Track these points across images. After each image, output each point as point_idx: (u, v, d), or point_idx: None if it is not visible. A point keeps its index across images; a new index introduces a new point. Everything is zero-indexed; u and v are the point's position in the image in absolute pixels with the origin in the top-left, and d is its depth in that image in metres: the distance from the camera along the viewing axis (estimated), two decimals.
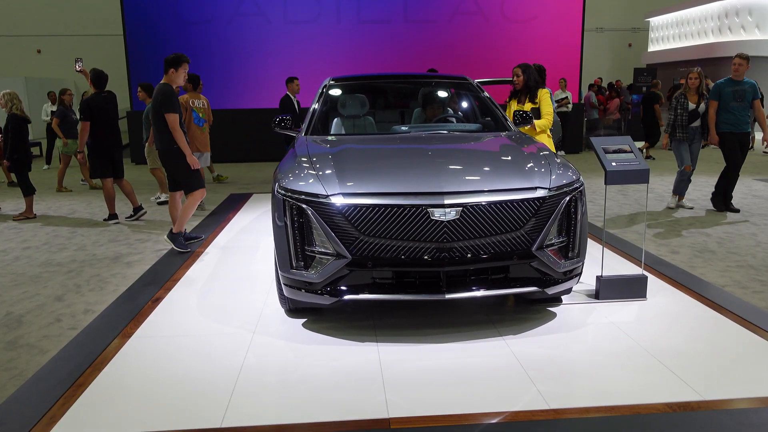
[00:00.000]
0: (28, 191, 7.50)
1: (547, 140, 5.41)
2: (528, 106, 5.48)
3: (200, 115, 7.83)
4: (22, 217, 7.43)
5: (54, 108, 12.73)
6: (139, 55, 12.91)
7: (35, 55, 23.48)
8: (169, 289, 4.52)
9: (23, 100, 10.06)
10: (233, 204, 8.12)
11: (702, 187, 9.04)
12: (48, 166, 12.75)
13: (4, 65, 22.66)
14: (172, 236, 5.64)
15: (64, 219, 7.46)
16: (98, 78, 6.87)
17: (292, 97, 9.48)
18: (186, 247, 5.62)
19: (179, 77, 5.48)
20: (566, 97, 13.29)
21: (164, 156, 5.56)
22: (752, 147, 14.81)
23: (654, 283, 4.43)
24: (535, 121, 5.29)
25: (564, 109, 13.10)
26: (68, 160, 10.03)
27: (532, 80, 5.51)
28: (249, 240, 6.05)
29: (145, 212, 7.44)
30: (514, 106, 5.63)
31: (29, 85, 19.84)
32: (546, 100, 5.46)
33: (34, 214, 7.54)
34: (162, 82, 5.46)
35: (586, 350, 3.40)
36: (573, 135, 13.86)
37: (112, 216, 7.15)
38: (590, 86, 16.19)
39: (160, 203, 8.33)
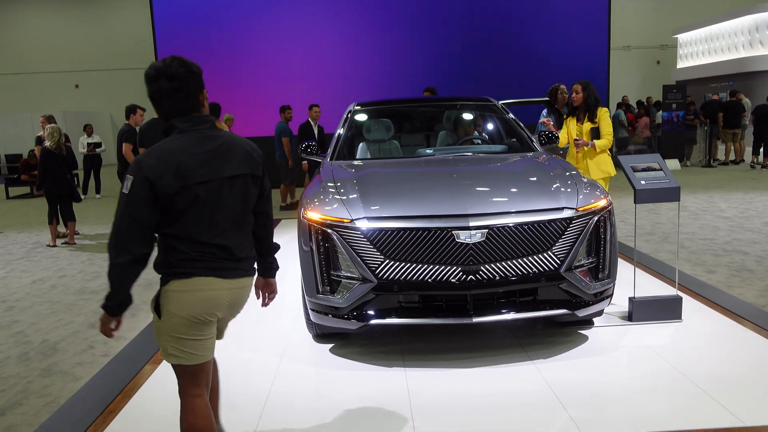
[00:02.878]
0: (50, 220, 7.81)
1: (607, 160, 5.14)
2: (587, 126, 5.18)
3: None
4: (51, 244, 7.74)
5: (91, 140, 13.15)
6: None
7: (73, 89, 24.36)
8: None
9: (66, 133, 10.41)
10: None
11: None
12: (84, 196, 13.12)
13: (45, 100, 23.55)
14: None
15: (100, 246, 7.63)
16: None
17: (312, 124, 9.61)
18: None
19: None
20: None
21: None
22: (743, 159, 14.42)
23: (689, 303, 4.30)
24: (595, 142, 5.06)
25: None
26: None
27: (592, 98, 5.18)
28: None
29: None
30: (572, 125, 5.32)
31: (67, 119, 20.56)
32: (606, 119, 5.15)
33: (54, 242, 7.80)
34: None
35: (620, 374, 3.30)
36: None
37: None
38: (619, 104, 16.01)
39: None
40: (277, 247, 2.56)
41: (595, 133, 5.17)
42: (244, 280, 2.28)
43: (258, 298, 2.57)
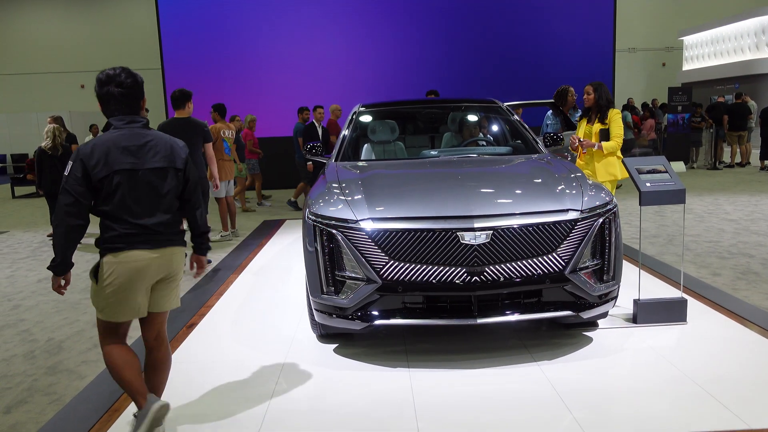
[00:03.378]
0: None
1: (616, 163, 5.05)
2: (597, 127, 5.12)
3: (228, 144, 8.05)
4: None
5: None
6: (176, 87, 13.30)
7: (79, 90, 24.46)
8: (203, 315, 4.58)
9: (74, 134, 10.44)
10: (266, 230, 8.23)
11: None
12: None
13: (51, 100, 23.66)
14: None
15: None
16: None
17: (317, 125, 9.63)
18: None
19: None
20: None
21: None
22: (749, 162, 14.39)
23: (694, 306, 4.29)
24: (603, 143, 5.00)
25: None
26: (243, 182, 10.26)
27: (603, 99, 5.10)
28: (281, 266, 6.10)
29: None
30: (584, 126, 5.29)
31: (73, 119, 20.64)
32: (617, 120, 5.08)
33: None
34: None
35: (625, 376, 3.30)
36: None
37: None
38: (625, 106, 15.98)
39: None
40: (206, 230, 2.97)
41: (605, 135, 5.09)
42: (168, 249, 2.70)
43: (191, 269, 3.06)
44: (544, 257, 3.38)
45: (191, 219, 2.87)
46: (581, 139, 5.16)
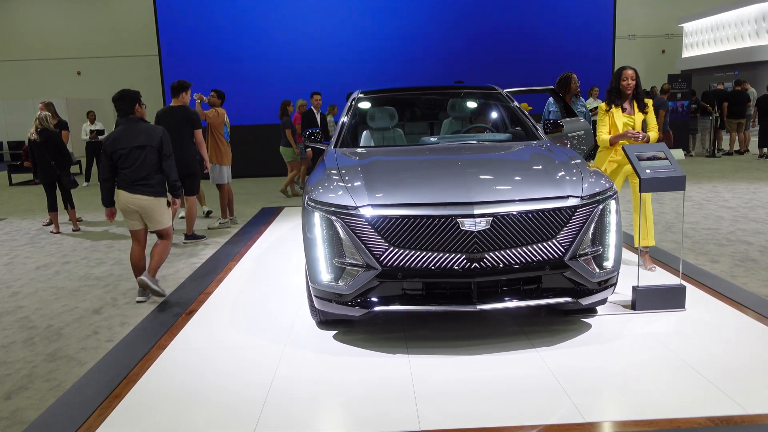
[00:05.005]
0: (49, 207, 7.85)
1: None
2: (640, 117, 4.79)
3: (227, 129, 8.00)
4: (54, 231, 7.87)
5: (94, 127, 13.13)
6: (173, 74, 13.24)
7: (75, 76, 24.30)
8: (202, 302, 4.59)
9: (66, 120, 10.39)
10: (265, 217, 8.21)
11: None
12: (87, 184, 13.11)
13: (47, 87, 23.51)
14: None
15: (103, 234, 7.65)
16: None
17: (315, 112, 9.59)
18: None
19: (187, 99, 6.84)
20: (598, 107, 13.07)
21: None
22: (747, 149, 14.36)
23: (693, 293, 4.30)
24: (649, 134, 4.75)
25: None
26: (298, 165, 10.27)
27: (640, 87, 4.74)
28: (280, 253, 6.10)
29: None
30: (618, 115, 4.81)
31: (70, 106, 20.53)
32: (652, 111, 4.80)
33: (57, 229, 7.86)
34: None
35: (623, 362, 3.31)
36: None
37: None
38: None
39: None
40: (176, 185, 4.82)
41: (644, 126, 4.83)
42: (139, 196, 4.60)
43: (174, 206, 5.13)
44: (544, 244, 3.38)
45: (165, 173, 4.72)
46: (635, 131, 4.74)
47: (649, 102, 4.87)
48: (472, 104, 5.64)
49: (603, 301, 3.80)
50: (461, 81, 9.14)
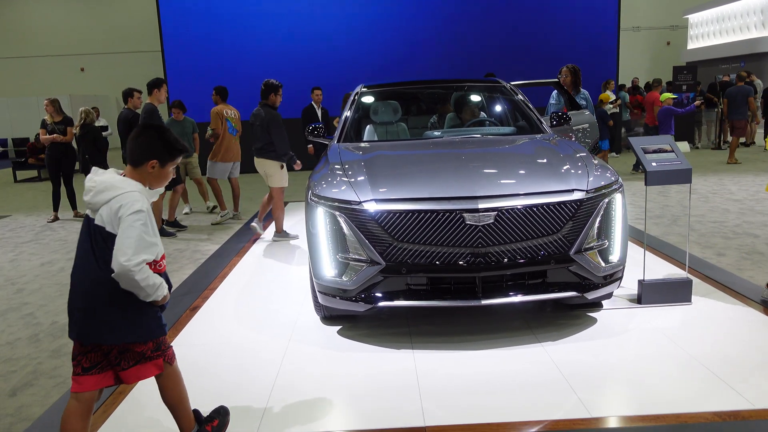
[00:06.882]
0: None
1: None
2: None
3: (233, 124, 8.00)
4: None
5: (98, 123, 13.11)
6: (176, 70, 13.24)
7: (79, 73, 24.31)
8: (206, 298, 4.58)
9: (71, 117, 10.48)
10: (269, 213, 8.19)
11: None
12: None
13: (51, 83, 23.53)
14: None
15: None
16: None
17: (315, 107, 9.56)
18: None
19: (162, 96, 6.82)
20: (616, 99, 12.94)
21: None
22: (753, 142, 14.27)
23: (699, 286, 4.27)
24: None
25: (615, 110, 12.79)
26: None
27: None
28: (284, 248, 6.09)
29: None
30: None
31: (73, 102, 20.54)
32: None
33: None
34: (146, 101, 6.77)
35: (629, 357, 3.29)
36: (612, 136, 13.57)
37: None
38: (621, 87, 15.81)
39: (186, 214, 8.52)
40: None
41: None
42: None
43: None
44: (549, 238, 3.36)
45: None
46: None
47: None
48: (476, 98, 5.60)
49: (609, 296, 3.78)
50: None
